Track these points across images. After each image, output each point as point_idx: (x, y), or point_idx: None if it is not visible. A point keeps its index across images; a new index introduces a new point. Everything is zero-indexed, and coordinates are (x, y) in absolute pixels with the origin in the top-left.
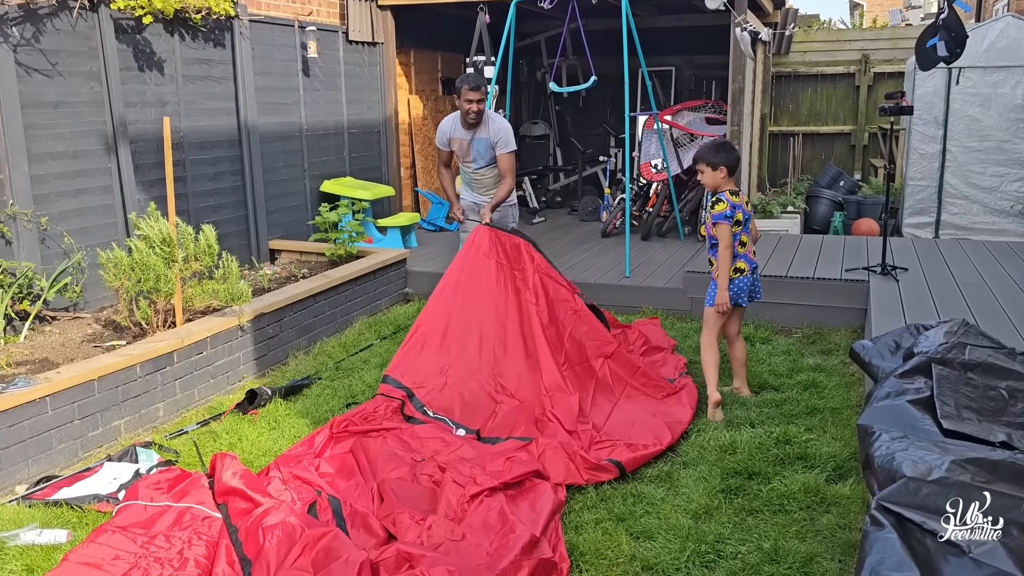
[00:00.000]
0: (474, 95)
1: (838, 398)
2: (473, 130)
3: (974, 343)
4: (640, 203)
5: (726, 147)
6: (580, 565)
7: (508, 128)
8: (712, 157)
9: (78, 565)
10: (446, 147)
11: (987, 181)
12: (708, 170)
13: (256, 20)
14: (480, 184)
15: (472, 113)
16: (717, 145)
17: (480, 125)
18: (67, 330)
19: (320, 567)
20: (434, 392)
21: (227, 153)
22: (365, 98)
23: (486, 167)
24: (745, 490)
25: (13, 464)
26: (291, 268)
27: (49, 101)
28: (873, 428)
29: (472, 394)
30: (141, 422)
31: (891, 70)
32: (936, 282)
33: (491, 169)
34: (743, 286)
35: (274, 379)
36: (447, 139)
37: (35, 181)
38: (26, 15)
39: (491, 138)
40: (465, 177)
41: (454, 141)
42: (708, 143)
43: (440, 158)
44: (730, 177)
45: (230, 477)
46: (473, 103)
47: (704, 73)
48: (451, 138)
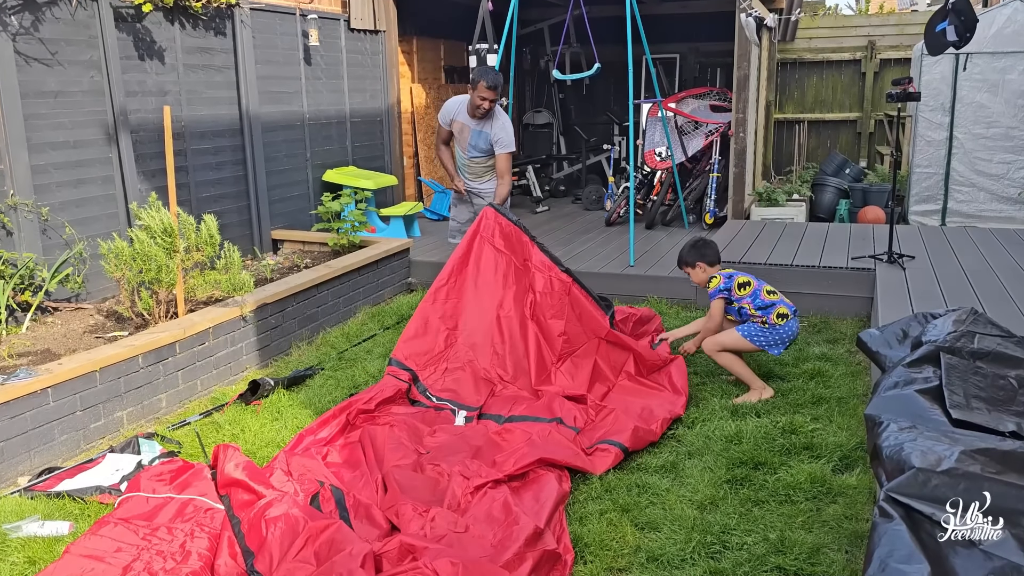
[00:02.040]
0: (490, 94)
1: (844, 387)
2: (478, 121)
3: (983, 332)
4: (644, 191)
5: (699, 244)
6: (585, 556)
7: (511, 129)
8: (689, 256)
9: (80, 557)
10: (447, 126)
11: (994, 168)
12: (690, 270)
13: (257, 8)
14: (470, 171)
15: (482, 108)
16: (691, 245)
17: (485, 119)
18: (69, 321)
19: (323, 559)
20: (436, 376)
21: (229, 142)
22: (367, 87)
23: (479, 157)
24: (751, 480)
25: (15, 455)
26: (294, 258)
27: (49, 91)
28: (881, 418)
29: (473, 378)
30: (143, 413)
31: (897, 56)
32: (943, 270)
33: (483, 161)
34: (789, 332)
35: (277, 370)
36: (449, 119)
37: (36, 171)
38: (25, 4)
39: (492, 135)
40: (461, 163)
41: (455, 124)
42: (685, 245)
43: (440, 135)
44: (711, 267)
45: (233, 469)
46: (486, 100)
47: (709, 60)
48: (453, 119)
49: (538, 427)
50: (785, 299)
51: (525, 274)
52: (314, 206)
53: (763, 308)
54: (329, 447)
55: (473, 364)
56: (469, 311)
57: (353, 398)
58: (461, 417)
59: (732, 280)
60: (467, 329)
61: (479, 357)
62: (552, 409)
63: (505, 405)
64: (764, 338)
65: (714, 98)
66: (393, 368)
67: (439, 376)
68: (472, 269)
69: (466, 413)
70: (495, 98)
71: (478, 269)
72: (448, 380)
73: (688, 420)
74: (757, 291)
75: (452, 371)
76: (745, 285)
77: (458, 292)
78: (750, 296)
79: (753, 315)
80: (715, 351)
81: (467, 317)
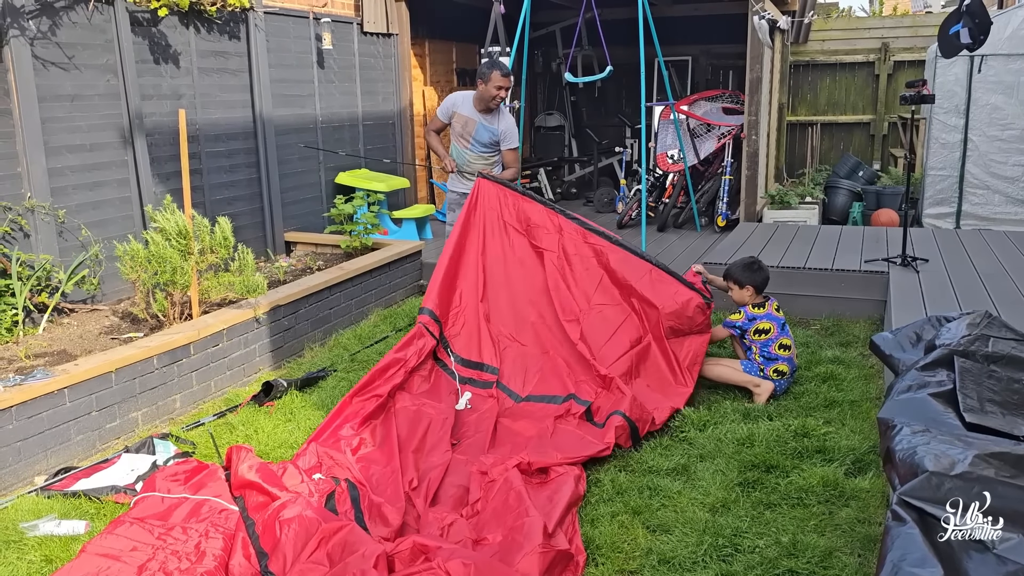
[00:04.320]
0: (505, 82)
1: (857, 391)
2: (485, 116)
3: (997, 335)
4: (656, 194)
5: (754, 266)
6: (596, 558)
7: (515, 125)
8: (740, 275)
9: (96, 556)
10: (445, 119)
11: (1009, 171)
12: (736, 288)
13: (271, 12)
14: (469, 167)
15: (497, 99)
16: (746, 265)
17: (493, 114)
18: (85, 322)
19: (336, 560)
20: (455, 328)
21: (242, 145)
22: (380, 90)
23: (482, 153)
24: (763, 483)
25: (32, 455)
26: (306, 260)
27: (66, 94)
28: (894, 421)
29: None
30: (158, 414)
31: (911, 58)
32: (957, 273)
33: (485, 156)
34: (778, 388)
35: (290, 371)
36: (451, 112)
37: (52, 174)
38: (42, 8)
39: (499, 130)
40: (459, 158)
41: (459, 117)
42: (739, 262)
43: (432, 125)
44: (757, 294)
45: (246, 470)
46: (502, 90)
47: (721, 62)
48: (456, 112)
49: (552, 410)
50: (793, 358)
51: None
52: (327, 208)
53: (767, 358)
54: (360, 433)
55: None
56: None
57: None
58: (464, 401)
59: (753, 324)
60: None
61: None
62: (565, 383)
63: (518, 374)
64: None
65: (726, 100)
66: (424, 316)
67: (459, 330)
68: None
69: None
70: (510, 86)
71: (486, 229)
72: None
73: (700, 422)
74: (770, 342)
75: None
76: (764, 332)
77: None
78: (761, 344)
79: (755, 358)
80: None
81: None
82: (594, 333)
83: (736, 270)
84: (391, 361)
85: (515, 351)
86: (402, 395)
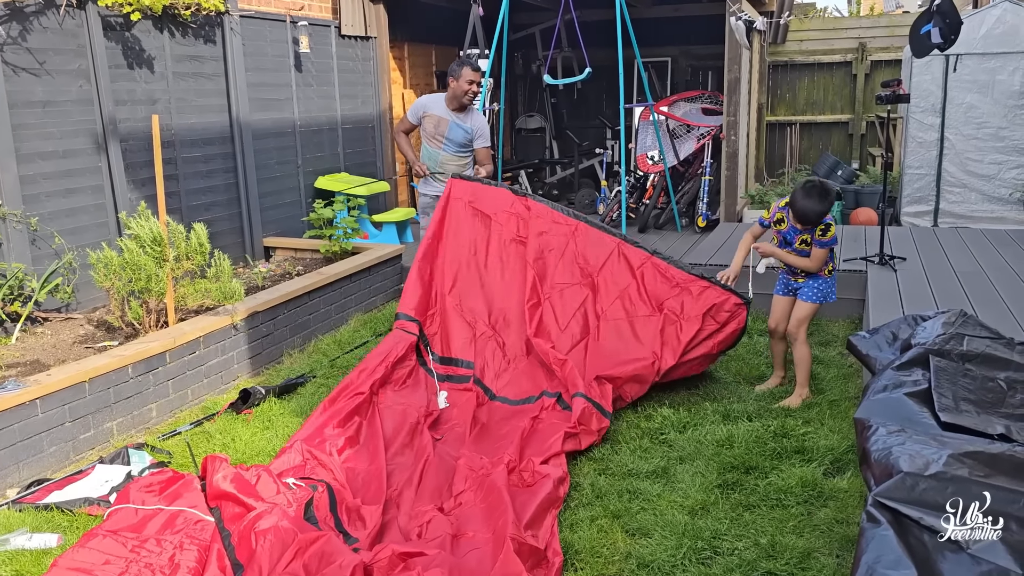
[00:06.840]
0: (477, 76)
1: (836, 390)
2: (458, 114)
3: (972, 334)
4: (637, 195)
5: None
6: (575, 564)
7: (487, 124)
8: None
9: (68, 570)
10: (416, 120)
11: (985, 169)
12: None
13: (247, 15)
14: (442, 167)
15: (470, 94)
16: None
17: (466, 113)
18: (59, 331)
19: (312, 571)
20: (433, 328)
21: (219, 150)
22: (359, 93)
23: (457, 152)
24: (742, 485)
25: (3, 468)
26: (286, 265)
27: (37, 100)
28: (870, 422)
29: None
30: (134, 423)
31: (888, 58)
32: (935, 272)
33: (460, 156)
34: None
35: (268, 378)
36: (421, 113)
37: (24, 181)
38: (12, 13)
39: (471, 129)
40: (431, 159)
41: (430, 118)
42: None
43: (401, 125)
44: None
45: (221, 480)
46: (474, 84)
47: (700, 63)
48: (427, 114)
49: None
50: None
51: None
52: (306, 213)
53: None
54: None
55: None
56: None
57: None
58: (442, 399)
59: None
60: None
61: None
62: (539, 381)
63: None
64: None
65: (706, 101)
66: (401, 321)
67: (436, 328)
68: (452, 228)
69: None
70: (481, 80)
71: (458, 227)
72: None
73: (680, 424)
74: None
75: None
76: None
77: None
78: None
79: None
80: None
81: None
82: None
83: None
84: (373, 358)
85: (492, 347)
86: (385, 394)
